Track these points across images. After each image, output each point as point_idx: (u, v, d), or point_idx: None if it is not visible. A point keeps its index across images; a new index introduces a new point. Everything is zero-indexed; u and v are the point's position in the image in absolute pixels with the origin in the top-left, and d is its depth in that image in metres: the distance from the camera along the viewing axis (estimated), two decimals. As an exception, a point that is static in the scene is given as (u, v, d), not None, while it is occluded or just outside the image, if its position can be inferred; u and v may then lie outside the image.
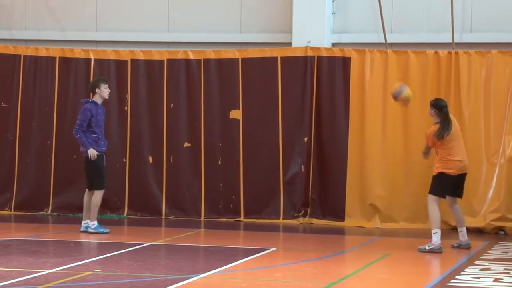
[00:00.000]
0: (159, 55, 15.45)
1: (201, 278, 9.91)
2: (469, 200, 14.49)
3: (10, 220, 15.04)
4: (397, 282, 10.40)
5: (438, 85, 14.65)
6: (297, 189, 15.06)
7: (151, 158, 15.42)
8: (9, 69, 15.69)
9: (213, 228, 14.49)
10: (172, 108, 15.38)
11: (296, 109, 15.07)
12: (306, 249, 12.94)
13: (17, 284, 9.30)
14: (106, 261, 10.93)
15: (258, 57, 15.19)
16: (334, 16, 15.37)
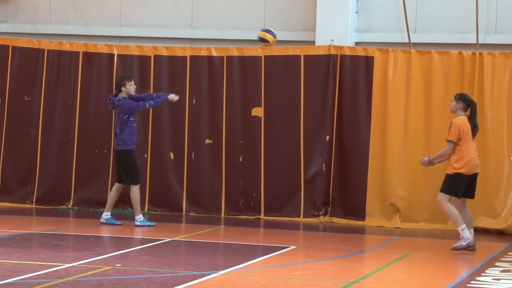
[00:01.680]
0: (182, 52, 15.49)
1: (220, 275, 9.95)
2: (490, 202, 14.51)
3: (31, 214, 15.12)
4: (416, 283, 10.40)
5: (461, 86, 14.60)
6: (318, 188, 15.06)
7: (172, 154, 15.47)
8: (32, 63, 15.78)
9: (233, 225, 14.52)
10: (194, 104, 15.42)
11: (318, 107, 15.08)
12: (326, 247, 12.95)
13: (37, 277, 9.37)
14: (126, 256, 11.00)
15: (281, 55, 15.21)
16: (358, 15, 15.37)
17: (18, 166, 15.81)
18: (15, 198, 15.76)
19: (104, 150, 15.45)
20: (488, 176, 14.52)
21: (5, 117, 15.82)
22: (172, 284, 9.22)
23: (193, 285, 9.31)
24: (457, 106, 12.07)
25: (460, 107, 12.04)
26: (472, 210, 14.42)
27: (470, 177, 12.09)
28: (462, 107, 12.02)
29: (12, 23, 16.30)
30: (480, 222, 14.51)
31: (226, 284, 9.59)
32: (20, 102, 15.82)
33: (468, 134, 11.92)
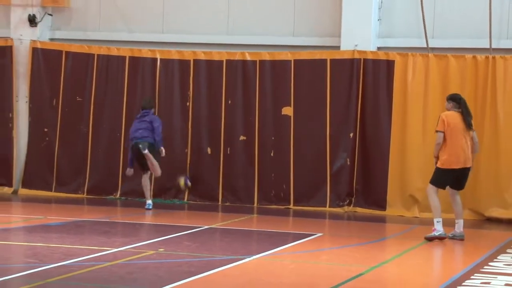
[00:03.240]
0: (219, 56, 15.54)
1: (253, 259, 9.99)
2: (502, 194, 14.46)
3: (82, 203, 15.21)
4: (433, 268, 10.40)
5: (475, 87, 14.57)
6: (342, 180, 15.07)
7: (210, 149, 15.52)
8: (83, 67, 15.89)
9: (265, 214, 14.54)
10: (229, 104, 15.46)
11: (342, 107, 15.07)
12: (350, 235, 12.96)
13: (89, 260, 9.46)
14: (168, 242, 11.04)
15: (309, 59, 15.22)
16: (380, 22, 15.34)
17: (71, 160, 15.92)
18: (69, 189, 15.88)
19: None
20: (500, 170, 14.50)
21: (59, 116, 15.94)
22: (210, 267, 9.28)
23: (229, 268, 9.36)
24: (449, 106, 11.97)
25: (452, 106, 11.96)
26: (485, 202, 14.52)
27: (458, 171, 11.87)
28: (454, 105, 11.94)
29: (65, 30, 16.40)
30: (492, 212, 14.50)
31: (259, 267, 9.63)
32: (73, 102, 15.93)
33: (454, 128, 11.71)
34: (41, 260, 9.36)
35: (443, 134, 11.73)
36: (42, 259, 9.44)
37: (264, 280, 8.94)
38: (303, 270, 9.67)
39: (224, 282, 8.74)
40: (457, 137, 11.77)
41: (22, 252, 10.34)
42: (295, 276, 9.35)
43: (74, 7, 16.27)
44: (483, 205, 14.62)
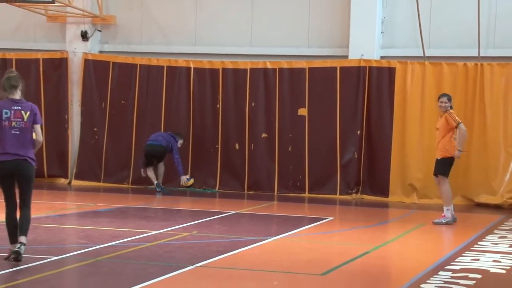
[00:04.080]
0: (244, 65, 15.55)
1: (274, 240, 10.01)
2: (489, 182, 14.41)
3: (127, 192, 15.29)
4: (430, 247, 10.36)
5: (466, 91, 14.52)
6: (351, 171, 15.04)
7: (237, 145, 15.55)
8: (128, 75, 15.94)
9: (284, 201, 14.55)
10: (253, 106, 15.48)
11: (350, 108, 15.04)
12: (358, 219, 12.95)
13: (132, 241, 9.50)
14: (201, 225, 11.08)
15: (321, 66, 15.20)
16: (382, 35, 15.30)
17: (117, 155, 15.98)
18: (115, 180, 15.94)
19: (184, 143, 15.57)
20: (487, 162, 14.45)
21: (107, 117, 16.02)
22: (237, 247, 9.30)
23: (253, 247, 9.38)
24: (448, 104, 11.64)
25: (446, 100, 11.76)
26: (475, 189, 14.50)
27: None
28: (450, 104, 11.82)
29: (112, 43, 16.47)
30: (481, 198, 14.46)
31: (279, 247, 9.64)
32: (119, 105, 16.00)
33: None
34: (92, 241, 9.41)
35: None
36: (93, 240, 9.48)
37: (283, 257, 8.95)
38: (317, 249, 9.67)
39: (249, 259, 8.75)
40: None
41: (75, 234, 10.41)
42: (311, 254, 9.35)
43: (119, 24, 16.32)
44: (473, 192, 14.57)
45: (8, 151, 7.80)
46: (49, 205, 13.05)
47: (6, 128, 7.82)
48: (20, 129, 7.87)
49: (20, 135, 7.86)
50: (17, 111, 7.88)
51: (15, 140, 7.83)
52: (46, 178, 16.12)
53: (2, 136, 7.81)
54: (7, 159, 7.80)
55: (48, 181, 16.10)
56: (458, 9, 14.92)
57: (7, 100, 7.91)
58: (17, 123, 7.87)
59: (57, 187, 15.68)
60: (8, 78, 8.03)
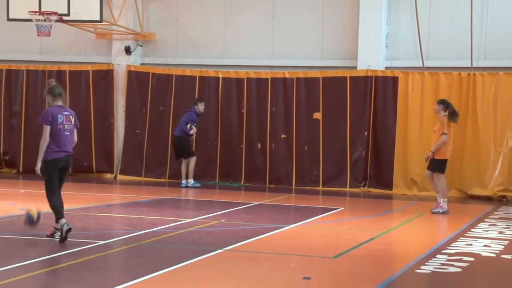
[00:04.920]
0: (265, 75, 15.56)
1: (291, 227, 10.00)
2: (481, 177, 14.34)
3: (165, 185, 15.32)
4: (429, 233, 10.31)
5: (460, 97, 14.45)
6: (359, 167, 15.00)
7: (259, 144, 15.55)
8: (165, 84, 16.02)
9: (300, 193, 14.53)
10: (273, 111, 15.48)
11: (359, 112, 15.00)
12: (365, 209, 12.91)
13: (169, 228, 9.54)
14: (228, 214, 11.10)
15: (333, 76, 15.18)
16: (387, 48, 15.25)
17: (156, 153, 16.04)
18: (154, 174, 16.01)
19: (214, 142, 15.61)
20: (479, 159, 14.37)
21: (147, 120, 16.10)
22: (259, 233, 9.30)
23: (273, 234, 9.38)
24: (438, 108, 11.73)
25: (441, 108, 11.77)
26: (468, 183, 14.42)
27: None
28: (443, 108, 11.78)
29: (151, 57, 16.54)
30: (474, 190, 14.39)
31: (296, 234, 9.63)
32: (157, 110, 16.07)
33: (451, 128, 11.68)
34: (135, 228, 9.46)
35: (447, 136, 11.55)
36: (135, 227, 9.53)
37: (300, 243, 8.94)
38: (329, 235, 9.65)
39: (270, 244, 8.76)
40: (451, 135, 11.70)
41: (120, 221, 10.46)
42: (324, 239, 9.33)
43: (158, 40, 16.39)
44: (467, 185, 14.49)
45: (63, 149, 8.24)
46: (97, 196, 13.14)
47: (61, 130, 8.24)
48: (69, 131, 8.35)
49: (69, 136, 8.35)
50: (66, 116, 8.31)
51: (66, 140, 8.29)
52: (95, 173, 16.23)
53: (58, 137, 8.21)
54: (62, 156, 8.24)
55: (96, 176, 16.21)
56: (453, 26, 14.85)
57: (56, 107, 8.28)
58: (67, 126, 8.31)
59: (104, 181, 15.77)
60: (55, 87, 8.40)
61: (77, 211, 10.74)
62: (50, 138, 8.13)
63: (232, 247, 8.25)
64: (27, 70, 16.43)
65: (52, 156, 8.16)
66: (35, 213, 8.58)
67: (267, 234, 9.25)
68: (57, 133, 8.18)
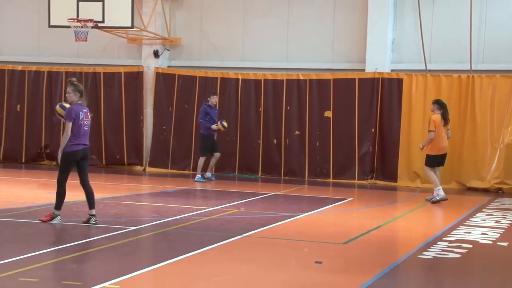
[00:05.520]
0: (281, 76, 15.52)
1: (304, 216, 9.99)
2: (478, 171, 14.25)
3: (189, 177, 15.27)
4: (431, 221, 10.27)
5: (460, 98, 14.36)
6: (367, 161, 14.93)
7: (275, 140, 15.53)
8: (189, 85, 16.01)
9: (312, 185, 14.50)
10: (288, 109, 15.44)
11: (366, 111, 14.93)
12: (372, 199, 12.87)
13: (193, 215, 9.55)
14: (247, 203, 11.10)
15: (343, 78, 15.11)
16: (393, 53, 15.16)
17: (181, 148, 16.05)
18: (179, 167, 16.02)
19: (233, 138, 15.60)
20: (477, 154, 14.28)
21: (173, 118, 16.12)
22: (275, 221, 9.30)
23: (288, 222, 9.37)
24: (434, 107, 11.83)
25: (436, 108, 11.81)
26: (467, 176, 14.34)
27: (441, 155, 11.82)
28: (437, 108, 11.80)
29: (177, 60, 16.55)
30: (472, 183, 14.28)
31: (308, 221, 9.62)
32: (182, 108, 16.08)
33: (440, 126, 11.64)
34: (162, 215, 9.49)
35: (434, 133, 11.59)
36: (162, 214, 9.56)
37: (312, 230, 8.93)
38: (339, 223, 9.63)
39: (285, 231, 8.75)
40: (441, 133, 11.61)
41: (149, 209, 10.50)
42: (334, 227, 9.31)
43: (183, 44, 16.40)
44: (465, 178, 14.40)
45: (81, 142, 8.47)
46: (128, 186, 13.19)
47: (82, 126, 8.46)
48: (88, 126, 8.56)
49: (87, 130, 8.57)
50: (85, 113, 8.54)
51: (85, 134, 8.52)
52: (126, 165, 16.29)
53: (78, 132, 8.43)
54: (80, 148, 8.46)
55: (127, 168, 16.27)
56: (454, 32, 14.73)
57: (77, 105, 8.51)
58: (87, 121, 8.53)
59: (135, 173, 15.83)
60: (80, 86, 8.62)
61: (110, 200, 10.79)
62: (71, 133, 8.35)
63: (250, 233, 8.25)
64: (66, 72, 16.51)
65: (72, 148, 8.38)
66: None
67: (282, 222, 9.24)
68: (78, 129, 8.40)
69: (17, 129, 16.68)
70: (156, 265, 6.52)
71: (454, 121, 13.78)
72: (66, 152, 8.36)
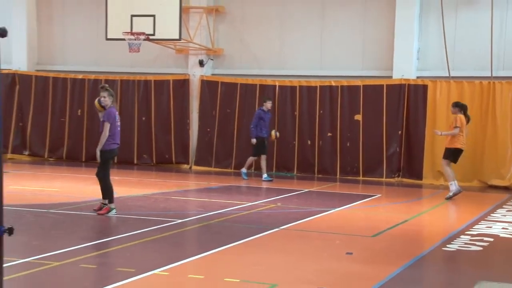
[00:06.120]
0: (315, 83, 15.45)
1: (336, 211, 9.92)
2: (499, 169, 13.96)
3: (231, 174, 15.33)
4: (453, 216, 10.09)
5: (481, 103, 14.08)
6: (394, 160, 14.75)
7: (309, 141, 15.47)
8: (231, 91, 16.04)
9: (343, 182, 14.40)
10: (321, 113, 15.35)
11: (394, 114, 14.75)
12: (399, 196, 12.71)
13: (234, 210, 9.58)
14: (283, 199, 11.08)
15: (372, 84, 14.96)
16: (418, 61, 14.95)
17: (224, 148, 16.09)
18: (222, 165, 16.05)
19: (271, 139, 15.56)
20: (498, 154, 13.99)
21: (216, 121, 16.18)
22: (308, 215, 9.26)
23: (321, 216, 9.32)
24: (455, 110, 11.75)
25: (457, 110, 11.70)
26: (488, 174, 14.08)
27: (458, 151, 11.71)
28: (458, 110, 11.69)
29: (220, 68, 16.61)
30: (493, 181, 14.00)
31: (340, 216, 9.55)
32: (225, 112, 16.13)
33: (463, 125, 11.62)
34: (206, 209, 9.54)
35: (459, 129, 11.48)
36: (206, 208, 9.61)
37: (343, 223, 8.86)
38: (368, 217, 9.54)
39: (318, 224, 8.71)
40: (463, 130, 11.63)
41: (194, 204, 10.57)
42: (364, 221, 9.23)
43: (226, 54, 16.45)
44: (487, 176, 14.10)
45: (116, 141, 8.76)
46: (176, 183, 13.30)
47: (117, 127, 8.73)
48: (120, 127, 8.85)
49: (119, 131, 8.85)
50: (117, 115, 8.81)
51: (118, 134, 8.82)
52: (174, 164, 16.42)
53: (114, 132, 8.71)
54: (116, 147, 8.77)
55: (175, 166, 16.40)
56: (475, 41, 14.45)
57: (113, 108, 8.77)
58: (119, 123, 8.81)
59: (182, 171, 15.95)
60: (111, 90, 8.84)
61: (159, 195, 10.89)
62: (109, 132, 8.59)
63: (286, 227, 8.23)
64: (121, 80, 16.75)
65: (110, 147, 8.67)
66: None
67: (315, 216, 9.20)
68: (114, 129, 8.65)
69: (78, 131, 16.99)
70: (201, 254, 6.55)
71: (476, 123, 13.53)
72: (105, 150, 8.63)
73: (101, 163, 8.67)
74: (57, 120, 17.02)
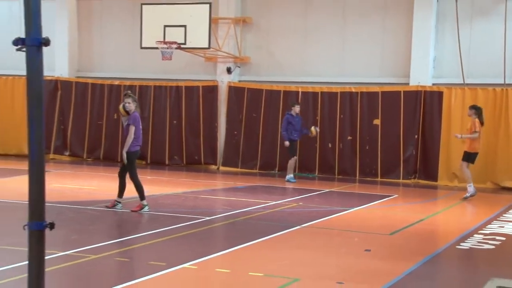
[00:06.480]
0: (335, 89, 15.37)
1: (353, 210, 9.87)
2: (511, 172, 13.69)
3: (256, 175, 15.35)
4: (467, 216, 9.95)
5: (494, 108, 13.85)
6: (410, 163, 14.60)
7: (330, 144, 15.40)
8: (257, 97, 16.05)
9: (362, 183, 14.29)
10: (341, 117, 15.28)
11: (410, 119, 14.60)
12: (414, 196, 12.59)
13: (259, 208, 9.58)
14: (304, 199, 11.06)
15: (390, 90, 14.84)
16: (434, 68, 14.78)
17: (250, 150, 16.07)
18: (248, 166, 16.04)
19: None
20: (510, 157, 13.79)
21: (243, 124, 16.19)
22: (330, 214, 9.22)
23: (341, 214, 9.29)
24: (471, 112, 11.68)
25: (473, 113, 11.58)
26: (501, 176, 13.86)
27: (475, 154, 11.67)
28: (474, 113, 11.55)
29: (247, 75, 16.64)
30: (506, 183, 13.77)
31: (359, 215, 9.50)
32: (250, 117, 16.13)
33: (481, 129, 11.51)
34: (232, 207, 9.57)
35: (478, 133, 11.38)
36: (233, 207, 9.64)
37: (362, 222, 8.81)
38: (386, 216, 9.47)
39: (338, 223, 8.67)
40: (480, 134, 11.51)
41: (221, 202, 10.61)
42: (381, 220, 9.17)
43: (252, 62, 16.48)
44: (499, 178, 13.87)
45: (140, 143, 8.96)
46: (204, 183, 13.37)
47: (140, 130, 8.93)
48: (142, 130, 9.10)
49: (142, 134, 9.03)
50: (140, 119, 9.02)
51: (141, 137, 8.99)
52: (203, 165, 16.49)
53: (138, 135, 8.89)
54: (139, 148, 8.97)
55: (204, 167, 16.46)
56: (489, 49, 14.23)
57: (137, 112, 8.96)
58: (142, 126, 9.03)
59: (210, 171, 16.00)
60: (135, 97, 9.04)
61: (189, 194, 10.96)
62: (134, 135, 8.74)
63: (308, 224, 8.21)
64: (154, 86, 16.90)
65: (135, 148, 8.86)
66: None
67: (335, 215, 9.16)
68: (138, 132, 8.84)
69: (114, 134, 17.18)
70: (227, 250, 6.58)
71: (489, 127, 13.33)
72: (131, 152, 8.78)
73: (128, 164, 8.76)
74: (95, 123, 17.25)
